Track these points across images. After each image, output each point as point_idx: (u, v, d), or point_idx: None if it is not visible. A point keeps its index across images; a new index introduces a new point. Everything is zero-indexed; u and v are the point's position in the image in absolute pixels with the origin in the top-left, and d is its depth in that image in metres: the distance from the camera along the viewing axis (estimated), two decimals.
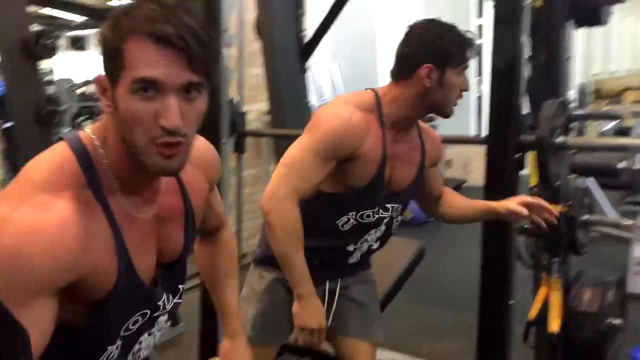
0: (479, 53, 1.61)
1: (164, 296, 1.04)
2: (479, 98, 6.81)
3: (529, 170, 2.03)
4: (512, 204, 1.66)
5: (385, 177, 1.62)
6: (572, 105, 2.44)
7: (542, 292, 2.18)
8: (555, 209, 2.02)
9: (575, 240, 2.12)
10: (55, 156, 0.89)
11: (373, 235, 1.69)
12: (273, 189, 1.56)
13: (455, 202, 1.82)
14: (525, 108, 2.02)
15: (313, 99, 3.19)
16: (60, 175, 0.86)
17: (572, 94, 2.69)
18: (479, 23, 6.16)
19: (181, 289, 1.09)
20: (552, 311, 2.11)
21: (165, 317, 1.07)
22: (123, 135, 0.88)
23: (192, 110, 0.87)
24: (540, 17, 2.03)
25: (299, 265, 1.59)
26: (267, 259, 1.71)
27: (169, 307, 1.06)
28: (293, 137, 1.63)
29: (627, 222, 3.45)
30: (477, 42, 1.62)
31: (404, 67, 1.58)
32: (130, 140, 0.86)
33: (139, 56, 0.82)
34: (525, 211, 1.64)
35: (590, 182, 3.41)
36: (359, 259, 1.74)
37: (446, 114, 1.61)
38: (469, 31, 1.60)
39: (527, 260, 2.19)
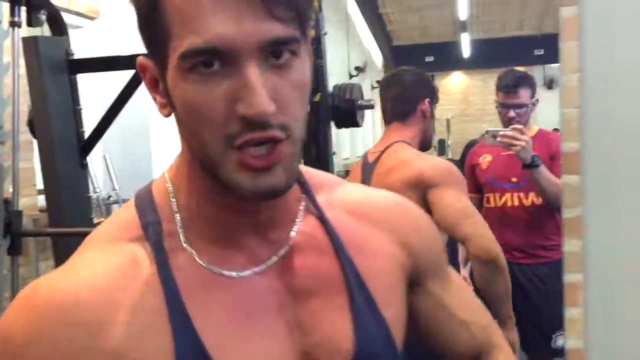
0: None
1: None
2: None
3: None
4: None
5: None
6: None
7: None
8: None
9: None
10: (119, 209, 0.66)
11: None
12: (486, 234, 1.69)
13: None
14: None
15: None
16: (111, 227, 0.63)
17: None
18: None
19: None
20: None
21: None
22: (189, 146, 0.59)
23: (287, 86, 0.54)
24: (310, 118, 2.35)
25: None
26: None
27: None
28: (75, 236, 1.51)
29: None
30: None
31: (407, 104, 1.90)
32: (199, 151, 0.56)
33: (188, 12, 0.51)
34: None
35: None
36: None
37: (432, 144, 2.00)
38: None
39: None
